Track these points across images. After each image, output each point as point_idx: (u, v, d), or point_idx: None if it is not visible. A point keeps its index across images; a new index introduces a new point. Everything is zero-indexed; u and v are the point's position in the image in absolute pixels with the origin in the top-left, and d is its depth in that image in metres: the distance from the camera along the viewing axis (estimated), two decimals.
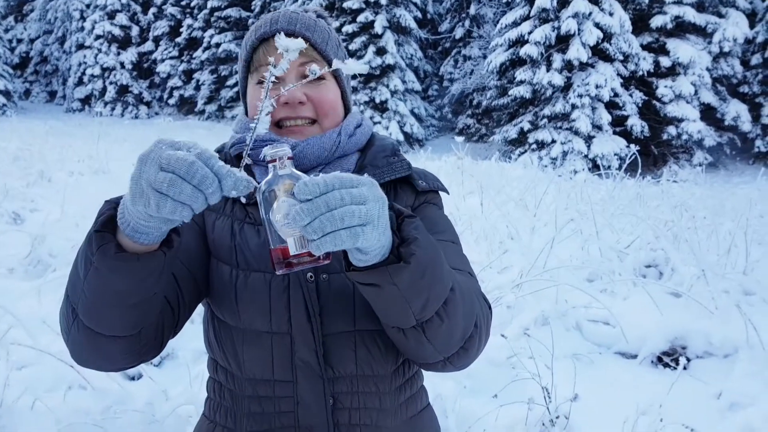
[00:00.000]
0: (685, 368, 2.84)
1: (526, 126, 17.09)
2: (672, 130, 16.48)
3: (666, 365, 3.11)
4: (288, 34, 0.98)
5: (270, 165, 0.73)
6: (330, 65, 0.96)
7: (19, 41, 38.17)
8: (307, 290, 0.94)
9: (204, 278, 1.00)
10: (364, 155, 1.07)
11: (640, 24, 17.10)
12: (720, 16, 17.48)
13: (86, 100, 32.23)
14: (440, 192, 1.10)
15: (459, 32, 22.77)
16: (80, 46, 31.91)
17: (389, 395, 0.99)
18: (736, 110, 17.24)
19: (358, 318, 0.94)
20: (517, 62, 17.58)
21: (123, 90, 31.34)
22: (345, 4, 20.79)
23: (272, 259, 0.74)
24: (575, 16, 16.10)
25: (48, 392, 2.48)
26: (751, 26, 17.40)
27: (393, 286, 0.76)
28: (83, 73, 31.63)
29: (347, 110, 1.09)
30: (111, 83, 31.13)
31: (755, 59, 17.72)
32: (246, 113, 1.10)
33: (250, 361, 0.96)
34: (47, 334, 2.68)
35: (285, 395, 0.95)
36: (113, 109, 30.97)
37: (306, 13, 1.06)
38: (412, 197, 1.06)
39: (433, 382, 2.63)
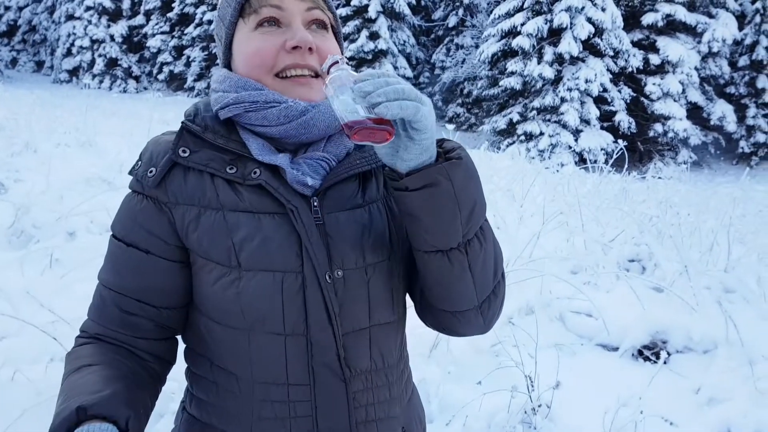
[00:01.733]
0: (665, 362, 2.89)
1: (516, 117, 17.14)
2: (659, 127, 16.64)
3: (647, 359, 3.16)
4: None
5: (333, 68, 0.78)
6: (334, 18, 0.97)
7: (7, 8, 37.26)
8: (326, 290, 0.85)
9: (188, 292, 0.91)
10: None
11: (631, 20, 17.17)
12: (710, 16, 17.61)
13: (74, 72, 31.61)
14: None
15: (452, 20, 22.67)
16: (70, 17, 31.22)
17: (396, 383, 0.96)
18: (722, 110, 17.45)
19: (372, 313, 0.90)
20: (508, 53, 17.57)
21: (112, 63, 30.78)
22: None
23: (347, 131, 0.76)
24: (568, 9, 16.10)
25: (29, 364, 2.45)
26: (740, 28, 17.56)
27: (448, 183, 0.79)
28: (72, 44, 30.99)
29: None
30: (100, 56, 30.55)
31: (743, 61, 17.91)
32: (228, 66, 0.96)
33: (261, 365, 0.87)
34: (30, 304, 2.64)
35: (301, 399, 0.88)
36: (101, 81, 30.42)
37: None
38: None
39: (418, 367, 2.66)
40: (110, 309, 0.89)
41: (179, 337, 0.98)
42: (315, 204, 0.88)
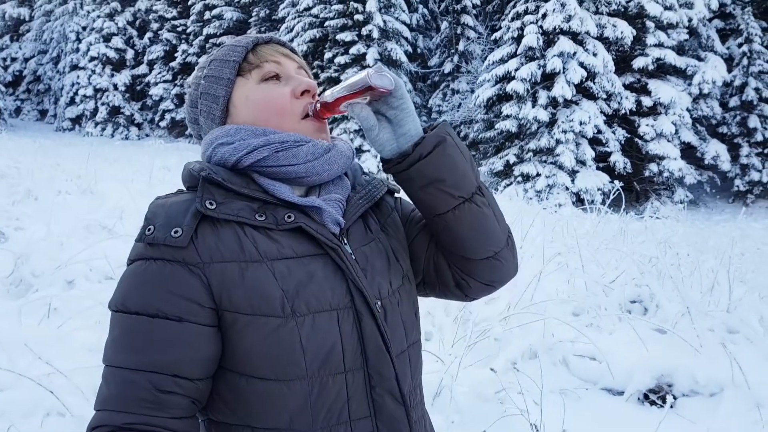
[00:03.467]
0: (671, 406, 2.84)
1: (512, 159, 17.31)
2: (654, 167, 16.80)
3: (653, 403, 3.11)
4: (281, 44, 1.01)
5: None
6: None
7: (14, 60, 38.11)
8: (380, 317, 0.89)
9: (218, 358, 0.85)
10: (348, 173, 1.04)
11: (622, 64, 17.55)
12: (699, 59, 18.03)
13: (77, 120, 32.09)
14: None
15: (448, 67, 23.15)
16: (74, 67, 31.92)
17: (422, 399, 1.01)
18: (715, 150, 17.65)
19: (407, 334, 0.96)
20: (503, 97, 17.88)
21: (115, 111, 31.29)
22: (338, 37, 21.11)
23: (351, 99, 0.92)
24: (560, 55, 16.48)
25: (24, 418, 2.40)
26: (729, 70, 17.95)
27: (450, 137, 0.92)
28: (76, 93, 31.57)
29: None
30: (103, 104, 31.08)
31: (733, 101, 18.23)
32: (221, 121, 0.96)
33: (322, 408, 0.84)
34: (26, 356, 2.61)
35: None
36: (104, 129, 30.84)
37: None
38: (386, 206, 1.08)
39: None
40: (140, 391, 0.79)
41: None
42: (345, 242, 0.92)
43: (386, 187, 1.06)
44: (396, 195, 1.11)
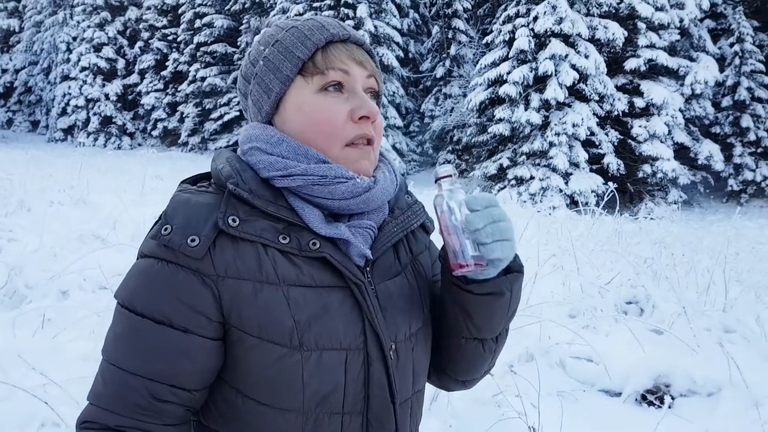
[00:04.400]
0: (669, 407, 2.83)
1: (506, 162, 17.36)
2: (647, 168, 16.87)
3: (650, 403, 3.10)
4: (358, 44, 0.89)
5: (443, 181, 0.84)
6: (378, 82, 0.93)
7: (4, 71, 38.09)
8: (391, 365, 0.84)
9: (219, 369, 0.83)
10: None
11: (614, 66, 17.64)
12: (691, 59, 18.15)
13: (69, 131, 32.03)
14: None
15: (440, 71, 23.23)
16: (65, 77, 31.89)
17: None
18: (708, 150, 17.75)
19: (414, 382, 0.91)
20: (496, 101, 17.94)
21: (106, 121, 31.25)
22: None
23: (452, 266, 0.82)
24: (552, 57, 16.56)
25: (19, 429, 2.39)
26: (721, 70, 18.08)
27: (509, 293, 0.86)
28: (67, 104, 31.53)
29: None
30: (95, 114, 31.05)
31: (726, 101, 18.36)
32: (270, 120, 0.89)
33: None
34: (20, 368, 2.59)
35: None
36: (96, 139, 30.79)
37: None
38: (423, 239, 1.02)
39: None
40: (135, 397, 0.77)
41: None
42: (368, 276, 0.86)
43: (425, 216, 0.99)
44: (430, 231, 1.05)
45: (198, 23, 29.08)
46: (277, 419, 0.80)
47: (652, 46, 17.21)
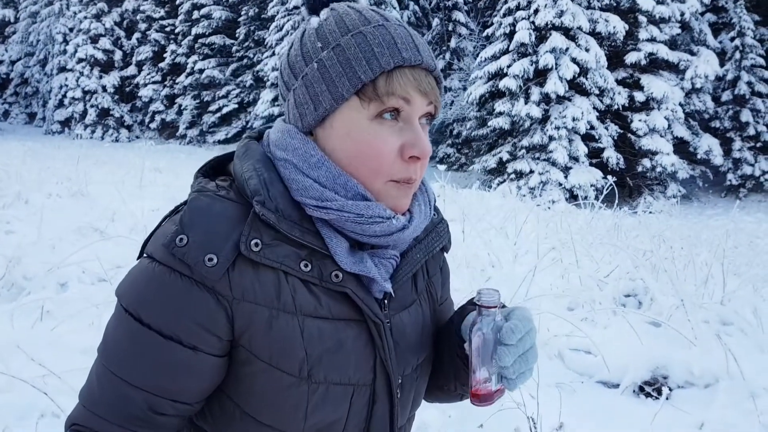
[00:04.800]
0: (667, 398, 2.85)
1: (505, 156, 17.35)
2: (646, 162, 16.88)
3: (648, 395, 3.11)
4: (429, 71, 0.79)
5: (489, 309, 0.80)
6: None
7: (0, 62, 37.89)
8: (396, 405, 0.84)
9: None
10: None
11: (615, 60, 17.62)
12: (692, 53, 18.13)
13: (66, 123, 31.95)
14: None
15: (440, 64, 23.18)
16: (62, 69, 31.76)
17: None
18: (708, 144, 17.76)
19: (411, 410, 0.92)
20: (496, 94, 17.91)
21: (104, 113, 31.16)
22: None
23: (474, 394, 0.81)
24: (552, 51, 16.52)
25: (19, 420, 2.40)
26: (722, 64, 18.06)
27: None
28: (64, 96, 31.42)
29: None
30: (92, 106, 30.95)
31: (726, 96, 18.36)
32: (310, 131, 0.81)
33: None
34: (20, 359, 2.60)
35: None
36: (93, 131, 30.72)
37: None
38: (439, 259, 0.99)
39: (419, 412, 2.59)
40: (133, 408, 0.74)
41: None
42: (384, 308, 0.83)
43: (448, 237, 0.95)
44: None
45: (196, 14, 28.95)
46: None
47: (652, 39, 17.17)
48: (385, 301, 0.83)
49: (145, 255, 0.78)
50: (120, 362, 0.75)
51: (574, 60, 16.54)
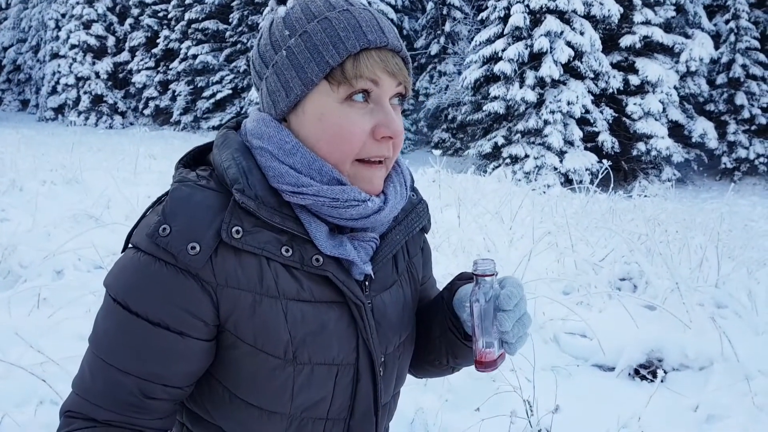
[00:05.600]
0: (662, 381, 2.88)
1: (500, 141, 17.33)
2: (641, 146, 16.89)
3: (643, 378, 3.15)
4: (395, 52, 0.81)
5: (484, 279, 0.83)
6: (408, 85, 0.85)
7: None
8: (379, 383, 0.87)
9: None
10: None
11: (609, 43, 17.55)
12: (686, 36, 18.07)
13: (60, 110, 31.70)
14: None
15: (434, 49, 23.03)
16: (55, 55, 31.45)
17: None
18: (702, 128, 17.77)
19: (396, 386, 0.95)
20: (491, 78, 17.84)
21: (97, 100, 30.92)
22: None
23: (479, 362, 0.84)
24: (547, 34, 16.44)
25: (18, 407, 2.40)
26: (716, 47, 18.01)
27: None
28: (57, 82, 31.14)
29: None
30: (85, 93, 30.70)
31: (720, 79, 18.34)
32: (284, 117, 0.82)
33: None
34: (18, 346, 2.60)
35: None
36: (87, 118, 30.50)
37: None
38: (419, 240, 1.01)
39: (415, 397, 2.62)
40: (125, 394, 0.76)
41: None
42: (366, 290, 0.86)
43: (427, 217, 0.97)
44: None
45: None
46: (262, 419, 0.82)
47: (647, 22, 17.10)
48: (366, 283, 0.85)
49: (130, 246, 0.80)
50: (110, 350, 0.76)
51: (568, 43, 16.46)
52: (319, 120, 0.79)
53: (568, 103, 16.30)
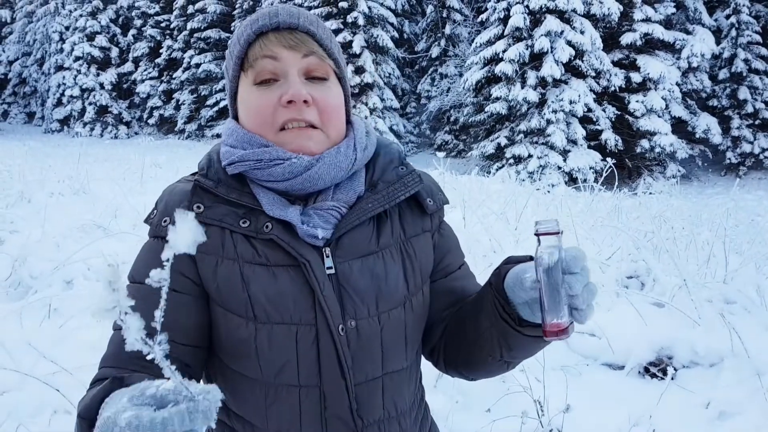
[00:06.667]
0: (672, 378, 2.87)
1: (503, 141, 17.31)
2: (645, 143, 16.84)
3: (653, 375, 3.14)
4: (291, 29, 0.90)
5: (548, 237, 0.78)
6: (336, 65, 0.94)
7: None
8: (339, 342, 0.87)
9: (209, 332, 0.91)
10: (372, 168, 0.98)
11: (610, 41, 17.52)
12: (687, 32, 18.02)
13: (65, 121, 31.86)
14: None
15: (435, 51, 23.05)
16: (59, 68, 31.62)
17: (410, 428, 0.97)
18: (706, 123, 17.70)
19: (385, 362, 0.91)
20: (492, 79, 17.84)
21: (102, 110, 31.05)
22: None
23: (550, 331, 0.78)
24: (548, 34, 16.43)
25: (32, 417, 2.42)
26: (718, 42, 17.96)
27: None
28: (62, 94, 31.31)
29: (347, 117, 0.99)
30: (90, 104, 30.83)
31: (723, 74, 18.27)
32: (235, 118, 0.97)
33: (275, 415, 0.89)
34: (30, 356, 2.62)
35: None
36: (92, 129, 30.63)
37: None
38: (422, 221, 0.99)
39: (425, 397, 2.63)
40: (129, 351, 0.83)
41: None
42: (327, 254, 0.89)
43: (418, 186, 0.97)
44: (431, 212, 1.00)
45: (191, 9, 28.76)
46: (245, 387, 0.89)
47: (647, 19, 17.07)
48: (327, 248, 0.89)
49: None
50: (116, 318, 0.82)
51: (569, 43, 16.45)
52: (243, 104, 0.93)
53: (570, 102, 16.27)
